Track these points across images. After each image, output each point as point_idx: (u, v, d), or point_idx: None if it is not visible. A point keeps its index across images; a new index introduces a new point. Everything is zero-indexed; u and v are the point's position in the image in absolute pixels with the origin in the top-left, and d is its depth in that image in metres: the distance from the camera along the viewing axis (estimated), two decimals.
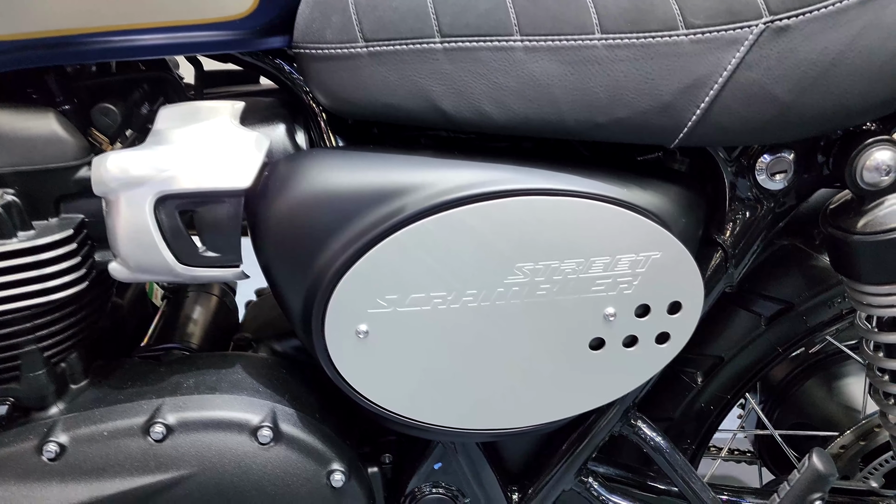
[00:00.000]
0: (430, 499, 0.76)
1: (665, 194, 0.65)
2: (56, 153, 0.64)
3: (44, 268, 0.63)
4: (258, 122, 0.70)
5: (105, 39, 0.61)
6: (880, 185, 0.63)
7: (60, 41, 0.61)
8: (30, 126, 0.64)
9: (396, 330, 0.64)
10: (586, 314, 0.65)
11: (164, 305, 0.90)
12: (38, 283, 0.63)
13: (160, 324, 0.86)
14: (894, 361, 0.71)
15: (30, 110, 0.64)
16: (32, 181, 0.64)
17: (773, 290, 0.80)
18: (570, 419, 0.73)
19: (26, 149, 0.64)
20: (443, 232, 0.62)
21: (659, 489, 0.80)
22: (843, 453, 0.90)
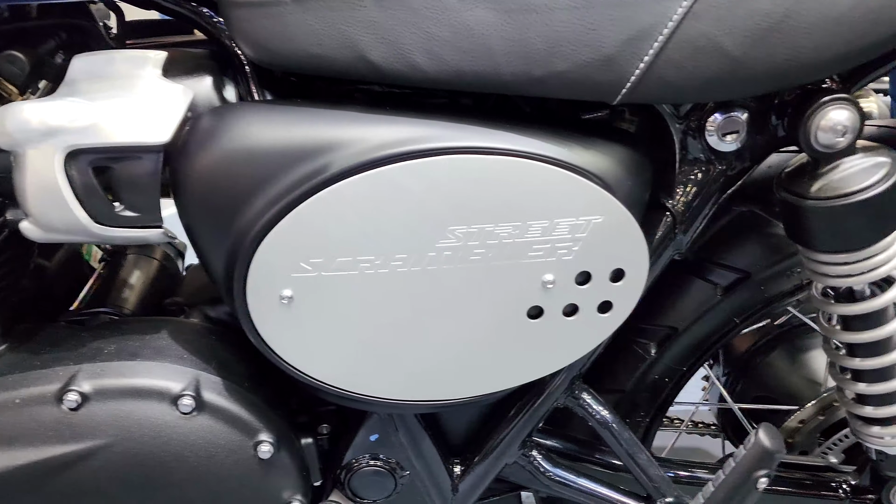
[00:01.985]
0: (365, 471, 0.73)
1: (609, 155, 0.61)
2: None
3: None
4: (182, 75, 0.65)
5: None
6: (836, 146, 0.59)
7: None
8: None
9: (322, 295, 0.61)
10: (523, 281, 0.61)
11: (101, 269, 0.86)
12: None
13: (94, 288, 0.83)
14: (851, 334, 0.68)
15: None
16: None
17: (730, 259, 0.77)
18: (511, 391, 0.70)
19: None
20: (369, 192, 0.58)
21: (606, 463, 0.78)
22: (802, 428, 0.87)
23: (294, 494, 0.70)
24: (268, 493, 0.69)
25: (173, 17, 0.69)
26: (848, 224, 0.60)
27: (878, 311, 0.65)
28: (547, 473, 0.76)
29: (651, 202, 0.65)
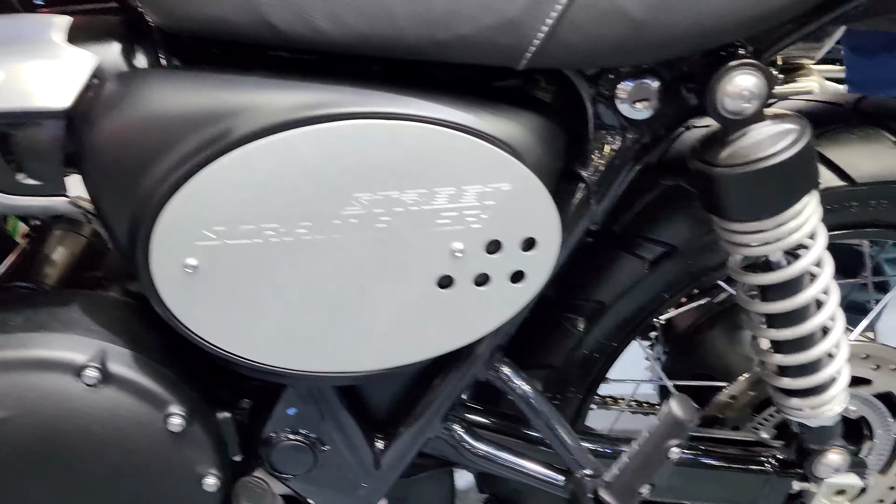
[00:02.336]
0: (284, 446, 0.72)
1: (518, 122, 0.60)
2: None
3: None
4: (89, 40, 0.64)
5: None
6: (743, 112, 0.58)
7: None
8: None
9: (227, 264, 0.60)
10: (432, 250, 0.61)
11: (25, 244, 0.84)
12: None
13: (15, 262, 0.81)
14: (768, 304, 0.67)
15: None
16: None
17: (657, 233, 0.76)
18: (429, 363, 0.69)
19: None
20: (271, 157, 0.57)
21: (529, 437, 0.77)
22: (734, 403, 0.87)
23: (209, 469, 0.69)
24: (180, 466, 0.68)
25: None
26: (757, 191, 0.60)
27: (793, 280, 0.65)
28: (470, 448, 0.76)
29: (565, 172, 0.65)
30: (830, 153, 0.74)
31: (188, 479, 0.69)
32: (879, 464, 0.92)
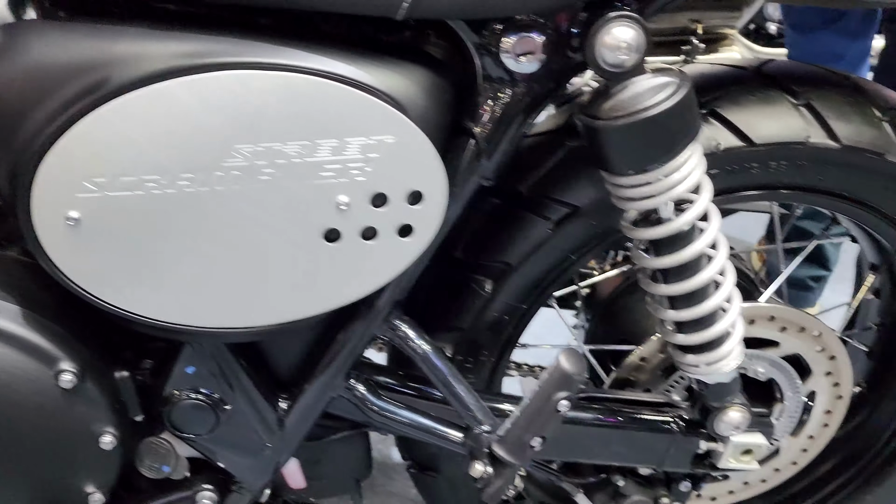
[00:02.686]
0: (184, 405, 0.72)
1: (403, 75, 0.60)
2: None
3: None
4: None
5: None
6: (623, 65, 0.59)
7: None
8: None
9: (109, 217, 0.59)
10: (316, 203, 0.61)
11: None
12: None
13: None
14: (660, 259, 0.68)
15: None
16: None
17: (560, 194, 0.77)
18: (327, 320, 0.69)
19: None
20: (150, 107, 0.57)
21: (433, 396, 0.78)
22: (645, 365, 0.88)
23: (105, 427, 0.69)
24: (73, 423, 0.68)
25: None
26: (639, 142, 0.61)
27: (683, 234, 0.66)
28: (372, 406, 0.76)
29: (455, 127, 0.65)
30: (730, 114, 0.75)
31: (83, 437, 0.68)
32: (791, 426, 0.93)
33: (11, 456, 0.69)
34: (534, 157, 0.80)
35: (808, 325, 0.86)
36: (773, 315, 0.85)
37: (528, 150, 0.81)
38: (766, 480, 0.99)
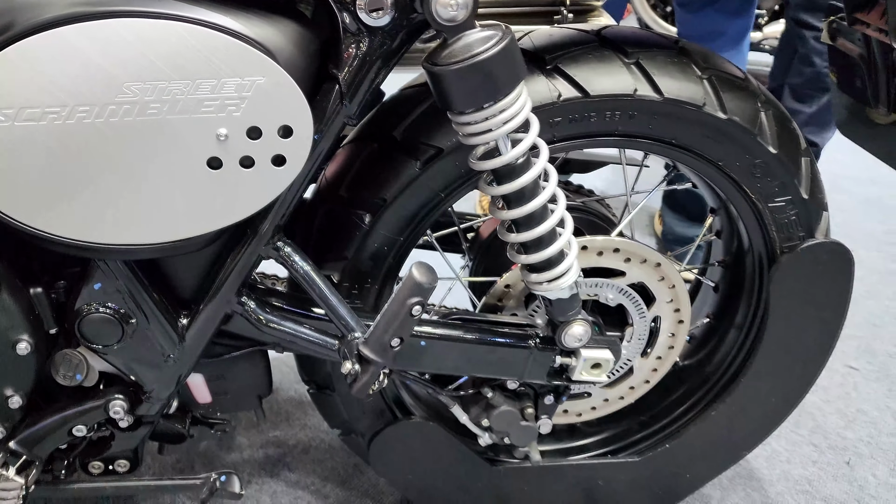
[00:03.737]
0: (92, 318, 0.82)
1: (272, 26, 0.71)
2: None
3: None
4: None
5: None
6: (456, 19, 0.71)
7: None
8: None
9: (17, 145, 0.69)
10: (199, 134, 0.71)
11: None
12: None
13: None
14: (501, 188, 0.80)
15: None
16: None
17: (427, 137, 0.88)
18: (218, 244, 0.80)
19: None
20: (49, 49, 0.67)
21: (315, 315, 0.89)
22: (510, 291, 1.01)
23: (20, 335, 0.79)
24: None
25: None
26: (472, 83, 0.72)
27: (518, 165, 0.78)
28: (263, 320, 0.87)
29: (322, 73, 0.76)
30: (570, 70, 0.88)
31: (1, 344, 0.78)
32: (640, 348, 1.07)
33: None
34: (405, 107, 0.91)
35: (649, 257, 1.00)
36: (617, 247, 0.98)
37: (401, 101, 0.93)
38: (623, 398, 1.13)
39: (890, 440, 1.48)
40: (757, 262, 1.06)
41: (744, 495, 1.34)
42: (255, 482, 1.28)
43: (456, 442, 1.08)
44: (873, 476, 1.39)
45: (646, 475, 1.18)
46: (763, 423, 1.16)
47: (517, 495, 1.16)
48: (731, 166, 0.95)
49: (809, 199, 0.99)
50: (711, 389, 1.15)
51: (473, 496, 1.14)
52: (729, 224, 1.09)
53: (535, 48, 0.90)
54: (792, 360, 1.10)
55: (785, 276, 1.03)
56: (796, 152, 0.97)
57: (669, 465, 1.17)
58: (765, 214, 0.99)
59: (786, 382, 1.12)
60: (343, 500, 1.26)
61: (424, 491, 1.15)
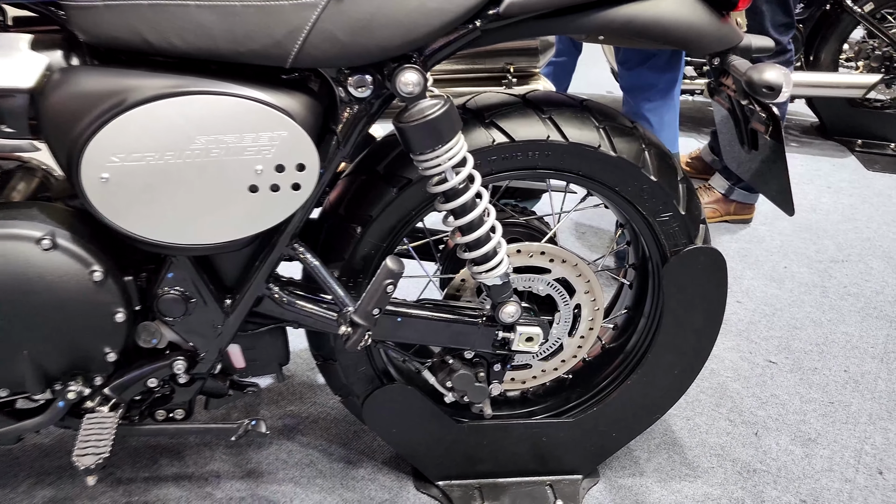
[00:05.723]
0: (166, 298, 1.17)
1: (292, 97, 1.07)
2: None
3: None
4: (44, 48, 1.09)
5: None
6: (413, 93, 1.07)
7: None
8: None
9: (124, 177, 1.05)
10: (243, 169, 1.07)
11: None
12: None
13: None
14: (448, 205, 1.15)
15: None
16: None
17: (400, 171, 1.24)
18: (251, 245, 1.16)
19: None
20: (147, 116, 1.03)
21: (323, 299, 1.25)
22: (464, 284, 1.35)
23: (118, 308, 1.14)
24: (99, 304, 1.13)
25: (39, 16, 1.12)
26: (425, 134, 1.08)
27: (461, 188, 1.13)
28: (285, 302, 1.22)
29: (324, 127, 1.12)
30: (502, 123, 1.24)
31: (105, 312, 1.14)
32: (567, 329, 1.41)
33: (61, 327, 1.13)
34: (385, 150, 1.27)
35: (568, 259, 1.35)
36: (543, 251, 1.33)
37: (382, 145, 1.29)
38: (557, 369, 1.47)
39: (795, 417, 1.80)
40: (654, 264, 1.40)
41: (666, 457, 1.66)
42: (275, 443, 1.62)
43: (428, 402, 1.42)
44: (776, 444, 1.71)
45: (580, 433, 1.51)
46: (669, 391, 1.49)
47: (478, 448, 1.49)
48: (625, 191, 1.30)
49: (686, 215, 1.34)
50: (628, 364, 1.49)
51: (443, 447, 1.48)
52: (634, 235, 1.43)
53: (478, 107, 1.26)
54: (686, 339, 1.43)
55: (673, 273, 1.37)
56: (674, 179, 1.32)
57: (598, 425, 1.50)
58: (654, 226, 1.34)
59: (683, 358, 1.45)
60: (344, 457, 1.60)
61: (406, 443, 1.48)
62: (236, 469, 1.55)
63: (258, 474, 1.54)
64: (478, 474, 1.52)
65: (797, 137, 3.69)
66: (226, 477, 1.53)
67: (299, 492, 1.51)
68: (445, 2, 1.03)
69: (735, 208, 2.72)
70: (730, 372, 1.96)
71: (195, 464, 1.56)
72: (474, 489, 1.51)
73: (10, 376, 1.14)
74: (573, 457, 1.54)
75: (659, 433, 1.72)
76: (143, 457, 1.57)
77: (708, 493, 1.57)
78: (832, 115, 3.57)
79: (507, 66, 1.47)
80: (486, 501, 1.49)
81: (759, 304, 2.26)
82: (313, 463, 1.58)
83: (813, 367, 1.99)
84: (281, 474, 1.55)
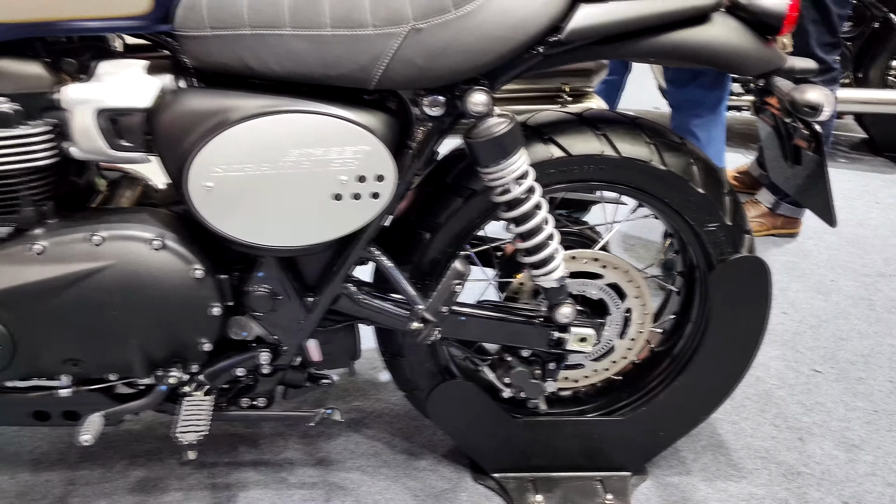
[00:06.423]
0: (256, 294, 1.31)
1: (373, 115, 1.20)
2: (38, 84, 1.18)
3: (34, 146, 1.17)
4: (157, 72, 1.24)
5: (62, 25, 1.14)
6: (482, 112, 1.19)
7: (39, 24, 1.14)
8: (21, 69, 1.18)
9: (227, 185, 1.19)
10: (329, 179, 1.20)
11: (106, 190, 1.43)
12: (30, 154, 1.17)
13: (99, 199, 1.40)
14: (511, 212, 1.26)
15: (25, 60, 1.18)
16: (27, 98, 1.17)
17: (465, 182, 1.36)
18: (332, 248, 1.28)
19: (23, 81, 1.17)
20: (246, 132, 1.17)
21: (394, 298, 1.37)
22: (523, 287, 1.46)
23: (214, 302, 1.28)
24: (198, 299, 1.27)
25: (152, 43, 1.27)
26: (492, 149, 1.20)
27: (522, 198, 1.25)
28: (360, 299, 1.35)
29: (400, 142, 1.24)
30: (559, 139, 1.34)
31: (203, 306, 1.28)
32: (618, 330, 1.51)
33: (165, 318, 1.28)
34: (452, 163, 1.39)
35: (619, 265, 1.44)
36: (596, 258, 1.43)
37: (450, 159, 1.41)
38: (608, 369, 1.56)
39: (839, 424, 1.86)
40: (701, 272, 1.49)
41: (712, 457, 1.74)
42: (343, 435, 1.75)
43: (487, 398, 1.53)
44: (820, 449, 1.77)
45: (629, 431, 1.59)
46: (715, 393, 1.57)
47: (532, 443, 1.59)
48: (674, 202, 1.40)
49: (733, 225, 1.42)
50: (675, 367, 1.58)
51: (500, 441, 1.58)
52: (682, 245, 1.53)
53: (537, 124, 1.37)
54: (731, 343, 1.51)
55: (719, 281, 1.45)
56: (721, 191, 1.41)
57: (646, 424, 1.59)
58: (701, 236, 1.43)
59: (727, 361, 1.53)
60: (406, 449, 1.71)
61: (465, 436, 1.59)
62: (308, 457, 1.68)
63: (328, 462, 1.67)
64: (531, 468, 1.62)
65: (846, 153, 3.71)
66: (298, 464, 1.66)
67: (366, 479, 1.63)
68: (512, 31, 1.15)
69: (781, 222, 2.77)
70: (775, 380, 2.02)
71: (270, 451, 1.69)
72: (528, 482, 1.61)
73: (121, 362, 1.29)
74: (622, 454, 1.62)
75: (705, 435, 1.80)
76: (223, 444, 1.71)
77: (752, 492, 1.64)
78: (881, 131, 3.59)
79: (562, 86, 1.59)
80: (539, 493, 1.58)
81: (805, 316, 2.32)
82: (378, 454, 1.70)
83: (858, 378, 2.03)
84: (349, 463, 1.67)
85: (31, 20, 1.12)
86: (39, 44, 1.19)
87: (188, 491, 1.58)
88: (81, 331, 1.25)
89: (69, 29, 1.14)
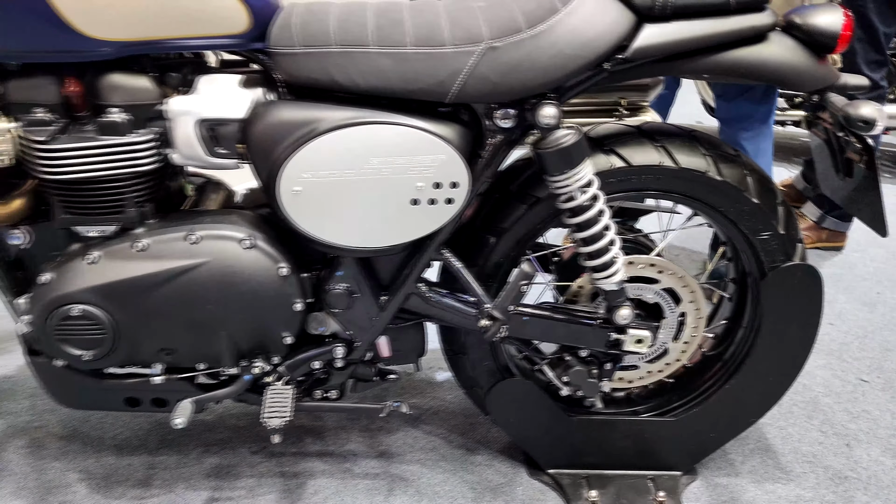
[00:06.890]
0: (335, 292, 1.40)
1: (450, 127, 1.30)
2: (146, 96, 1.29)
3: (140, 152, 1.29)
4: (250, 86, 1.35)
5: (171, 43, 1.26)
6: (550, 124, 1.27)
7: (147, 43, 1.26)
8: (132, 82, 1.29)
9: (313, 190, 1.29)
10: (408, 185, 1.29)
11: (193, 195, 1.54)
12: (137, 159, 1.29)
13: (190, 201, 1.51)
14: (575, 219, 1.34)
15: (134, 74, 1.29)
16: (136, 109, 1.29)
17: (530, 190, 1.44)
18: (406, 250, 1.38)
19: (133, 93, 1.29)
20: (332, 141, 1.27)
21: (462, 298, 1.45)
22: (581, 291, 1.54)
23: (297, 298, 1.38)
24: (283, 295, 1.37)
25: (245, 59, 1.38)
26: (559, 159, 1.28)
27: (586, 205, 1.33)
28: (430, 298, 1.44)
29: (473, 152, 1.33)
30: (620, 150, 1.42)
31: (287, 302, 1.38)
32: (672, 333, 1.57)
33: (252, 312, 1.38)
34: (517, 172, 1.48)
35: (675, 271, 1.51)
36: (653, 263, 1.50)
37: (515, 168, 1.49)
38: (662, 370, 1.63)
39: (886, 432, 1.90)
40: (753, 279, 1.55)
41: (760, 461, 1.79)
42: (402, 430, 1.83)
43: (545, 396, 1.60)
44: (867, 455, 1.82)
45: (680, 432, 1.65)
46: (764, 397, 1.63)
47: (587, 441, 1.66)
48: (728, 211, 1.46)
49: (785, 234, 1.49)
50: (727, 370, 1.64)
51: (555, 438, 1.65)
52: (735, 252, 1.59)
53: (599, 136, 1.45)
54: (782, 349, 1.57)
55: (772, 288, 1.52)
56: (774, 201, 1.48)
57: (698, 426, 1.65)
58: (755, 244, 1.49)
59: (778, 367, 1.59)
60: (463, 444, 1.80)
61: (522, 433, 1.66)
62: (370, 450, 1.77)
63: (389, 455, 1.76)
64: (585, 465, 1.69)
65: (891, 168, 3.72)
66: (361, 456, 1.75)
67: (425, 472, 1.71)
68: (581, 49, 1.23)
69: (827, 236, 2.81)
70: (822, 388, 2.06)
71: (335, 443, 1.79)
72: (582, 478, 1.68)
73: (211, 352, 1.39)
74: (673, 454, 1.68)
75: (753, 439, 1.85)
76: (290, 435, 1.81)
77: (800, 495, 1.69)
78: None
79: (620, 100, 1.67)
80: (592, 490, 1.65)
81: (852, 327, 2.35)
82: (436, 448, 1.78)
83: None
84: (408, 456, 1.76)
85: (144, 38, 1.24)
86: (147, 60, 1.30)
87: (259, 478, 1.68)
88: (177, 322, 1.36)
89: (176, 46, 1.26)
